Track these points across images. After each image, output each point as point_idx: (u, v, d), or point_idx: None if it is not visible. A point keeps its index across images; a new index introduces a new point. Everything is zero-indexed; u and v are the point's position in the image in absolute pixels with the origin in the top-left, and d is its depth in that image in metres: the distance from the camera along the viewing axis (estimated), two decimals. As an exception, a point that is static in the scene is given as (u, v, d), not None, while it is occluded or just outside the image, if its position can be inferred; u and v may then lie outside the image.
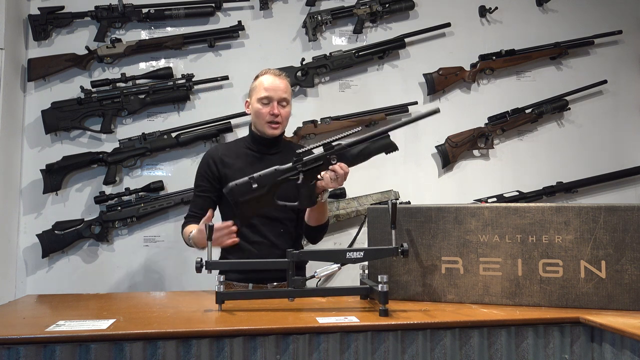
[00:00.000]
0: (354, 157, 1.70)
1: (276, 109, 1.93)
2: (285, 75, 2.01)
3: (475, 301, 1.56)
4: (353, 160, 1.71)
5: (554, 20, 3.04)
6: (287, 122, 2.02)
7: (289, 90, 1.99)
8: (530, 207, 1.55)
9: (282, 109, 1.96)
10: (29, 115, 2.73)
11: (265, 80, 1.96)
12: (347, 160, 1.70)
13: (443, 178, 2.94)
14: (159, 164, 2.78)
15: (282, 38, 2.89)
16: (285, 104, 1.97)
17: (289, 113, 2.00)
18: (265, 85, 1.95)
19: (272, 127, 1.95)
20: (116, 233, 2.73)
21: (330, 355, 1.31)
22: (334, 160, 1.68)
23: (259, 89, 1.97)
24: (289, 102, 1.99)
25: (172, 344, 1.26)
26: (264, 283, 1.93)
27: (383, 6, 2.87)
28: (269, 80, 1.96)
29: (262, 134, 1.99)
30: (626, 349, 1.28)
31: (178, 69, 2.80)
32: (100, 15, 2.73)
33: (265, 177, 1.67)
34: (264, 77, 1.98)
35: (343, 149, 1.68)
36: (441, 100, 2.96)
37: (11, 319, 1.43)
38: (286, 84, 1.99)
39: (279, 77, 1.97)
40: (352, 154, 1.70)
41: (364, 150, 1.70)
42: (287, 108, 1.98)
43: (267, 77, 1.97)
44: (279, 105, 1.95)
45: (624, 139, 3.04)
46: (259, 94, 1.96)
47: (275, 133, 1.96)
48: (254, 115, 2.00)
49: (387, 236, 1.56)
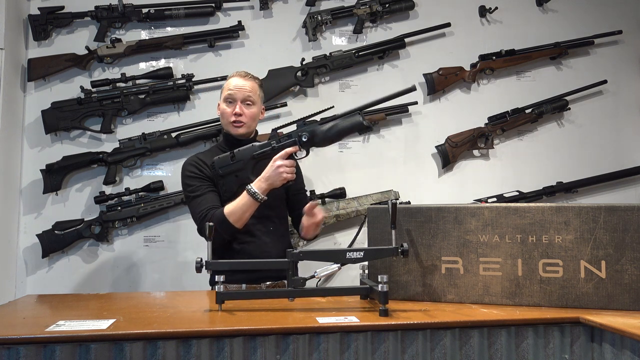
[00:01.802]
0: (325, 134, 1.75)
1: (238, 108, 1.95)
2: (252, 77, 2.02)
3: (475, 301, 1.56)
4: (324, 138, 1.76)
5: (554, 20, 3.04)
6: (254, 122, 2.01)
7: (255, 91, 1.99)
8: (530, 207, 1.55)
9: (247, 108, 1.96)
10: (29, 115, 2.73)
11: (231, 81, 1.99)
12: (319, 138, 1.76)
13: (443, 178, 2.94)
14: (159, 164, 2.78)
15: (282, 38, 2.89)
16: (249, 103, 1.97)
17: (254, 113, 1.99)
18: (230, 85, 1.98)
19: (235, 126, 1.96)
20: (116, 233, 2.73)
21: (330, 355, 1.31)
22: (304, 137, 1.76)
23: (224, 89, 2.00)
24: (254, 102, 1.98)
25: (172, 344, 1.26)
26: (257, 283, 1.93)
27: (383, 6, 2.87)
28: (234, 81, 1.99)
29: (231, 134, 2.00)
30: (626, 349, 1.28)
31: (178, 69, 2.80)
32: (100, 15, 2.73)
33: (243, 152, 1.85)
34: (231, 78, 2.01)
35: (314, 126, 1.75)
36: (441, 100, 2.97)
37: (11, 319, 1.43)
38: (252, 84, 1.99)
39: (245, 78, 1.99)
40: (323, 130, 1.75)
41: (333, 128, 1.74)
42: (252, 108, 1.98)
43: (233, 79, 2.00)
44: (243, 105, 1.96)
45: (624, 139, 3.04)
46: (224, 94, 1.99)
47: (239, 132, 1.97)
48: (220, 116, 2.02)
49: (387, 236, 1.56)
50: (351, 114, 1.74)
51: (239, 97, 1.96)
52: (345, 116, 1.74)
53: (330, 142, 1.80)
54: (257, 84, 2.03)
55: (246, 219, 1.84)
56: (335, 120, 1.75)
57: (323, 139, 1.76)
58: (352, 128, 1.73)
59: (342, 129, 1.74)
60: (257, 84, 2.03)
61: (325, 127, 1.75)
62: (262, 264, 1.80)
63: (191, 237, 2.75)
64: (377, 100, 1.72)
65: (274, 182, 1.80)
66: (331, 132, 1.74)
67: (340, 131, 1.74)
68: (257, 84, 2.03)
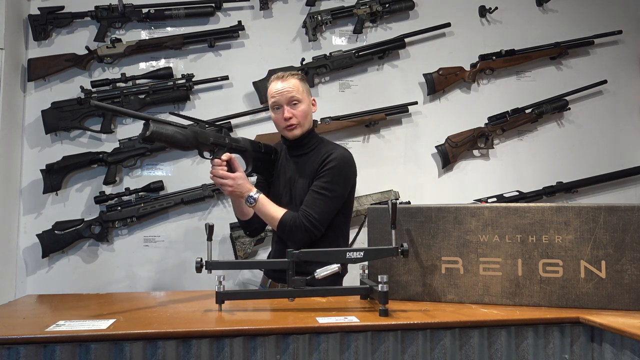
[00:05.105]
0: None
1: (286, 112, 1.90)
2: (291, 74, 1.94)
3: (475, 301, 1.56)
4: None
5: (554, 20, 3.04)
6: (307, 119, 1.94)
7: (298, 88, 1.91)
8: (530, 207, 1.55)
9: (295, 108, 1.90)
10: (29, 115, 2.73)
11: (272, 87, 1.93)
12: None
13: (443, 178, 2.94)
14: (159, 164, 2.78)
15: (282, 38, 2.89)
16: (296, 102, 1.90)
17: (304, 111, 1.92)
18: (272, 92, 1.93)
19: (289, 130, 1.92)
20: (116, 233, 2.73)
21: (330, 355, 1.31)
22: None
23: (269, 97, 1.95)
24: (300, 99, 1.91)
25: (172, 344, 1.25)
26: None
27: (383, 6, 2.87)
28: (274, 86, 1.93)
29: (289, 138, 1.97)
30: (626, 349, 1.28)
31: (178, 69, 2.80)
32: (100, 15, 2.73)
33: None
34: (271, 84, 1.95)
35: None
36: (441, 100, 2.97)
37: (11, 319, 1.43)
38: (294, 82, 1.92)
39: (283, 80, 1.92)
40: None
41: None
42: (300, 106, 1.91)
43: (272, 84, 1.94)
44: (290, 106, 1.90)
45: (624, 139, 3.04)
46: (270, 103, 1.95)
47: (295, 134, 1.93)
48: (275, 125, 1.99)
49: (387, 236, 1.56)
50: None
51: (283, 102, 1.90)
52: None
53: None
54: (297, 80, 1.93)
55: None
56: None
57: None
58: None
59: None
60: (298, 79, 1.94)
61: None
62: (262, 264, 1.79)
63: (191, 237, 2.75)
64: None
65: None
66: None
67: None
68: (298, 79, 1.93)
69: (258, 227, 2.04)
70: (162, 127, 1.68)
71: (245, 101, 2.84)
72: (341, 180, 1.87)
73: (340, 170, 1.87)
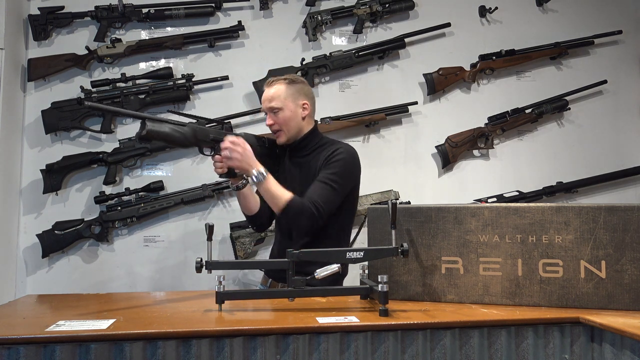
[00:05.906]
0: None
1: (267, 119, 1.94)
2: (276, 80, 1.94)
3: (475, 301, 1.56)
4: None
5: (554, 20, 3.04)
6: (290, 124, 1.92)
7: (278, 95, 1.90)
8: (530, 207, 1.55)
9: (275, 115, 1.91)
10: (29, 115, 2.73)
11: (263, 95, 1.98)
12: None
13: (443, 178, 2.94)
14: (159, 164, 2.78)
15: (282, 38, 2.89)
16: (276, 110, 1.91)
17: (285, 117, 1.91)
18: (262, 99, 1.97)
19: (275, 136, 1.96)
20: (116, 233, 2.73)
21: (330, 355, 1.31)
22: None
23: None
24: (280, 107, 1.90)
25: (172, 344, 1.25)
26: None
27: (383, 6, 2.87)
28: (263, 94, 1.96)
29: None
30: (626, 349, 1.28)
31: (178, 69, 2.80)
32: (100, 15, 2.73)
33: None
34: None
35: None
36: (441, 100, 2.97)
37: (11, 319, 1.43)
38: (276, 88, 1.91)
39: (267, 86, 1.95)
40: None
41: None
42: (279, 113, 1.90)
43: (264, 90, 1.97)
44: (271, 114, 1.92)
45: (624, 139, 3.04)
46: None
47: (280, 140, 1.95)
48: None
49: (387, 236, 1.56)
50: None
51: (265, 109, 1.94)
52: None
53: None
54: (284, 85, 1.92)
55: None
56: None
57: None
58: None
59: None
60: (285, 83, 1.92)
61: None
62: (262, 264, 1.79)
63: (191, 237, 2.75)
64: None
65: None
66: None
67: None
68: (285, 84, 1.92)
69: (265, 222, 2.04)
70: (158, 126, 1.68)
71: (245, 101, 2.84)
72: (346, 174, 1.87)
73: (346, 164, 1.87)
